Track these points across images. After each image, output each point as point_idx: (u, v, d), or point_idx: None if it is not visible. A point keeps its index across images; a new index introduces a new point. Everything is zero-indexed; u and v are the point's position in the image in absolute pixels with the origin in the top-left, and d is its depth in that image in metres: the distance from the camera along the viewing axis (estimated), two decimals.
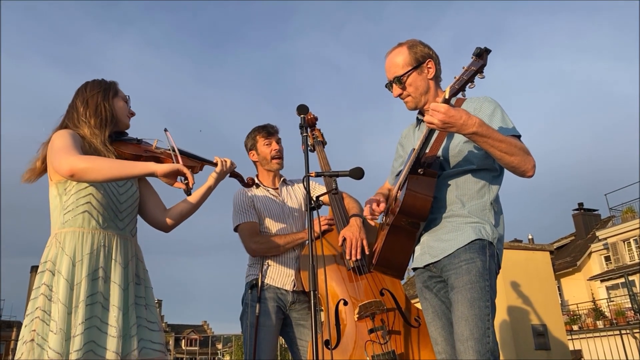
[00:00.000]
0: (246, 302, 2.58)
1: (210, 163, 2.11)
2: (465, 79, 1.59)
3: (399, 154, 2.21)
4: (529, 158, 1.75)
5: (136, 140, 2.01)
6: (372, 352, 2.23)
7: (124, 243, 1.85)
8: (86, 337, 1.62)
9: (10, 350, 23.79)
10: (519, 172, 1.77)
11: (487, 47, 1.57)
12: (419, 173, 1.79)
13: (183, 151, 2.01)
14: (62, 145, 1.73)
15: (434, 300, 1.92)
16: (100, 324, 1.68)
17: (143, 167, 1.72)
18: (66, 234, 1.74)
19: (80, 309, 1.64)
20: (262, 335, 2.47)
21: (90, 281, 1.70)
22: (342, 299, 2.43)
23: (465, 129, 1.65)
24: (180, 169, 1.70)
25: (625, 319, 16.78)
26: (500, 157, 1.73)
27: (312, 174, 2.04)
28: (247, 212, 2.66)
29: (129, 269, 1.82)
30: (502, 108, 1.89)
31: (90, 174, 1.66)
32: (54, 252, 1.72)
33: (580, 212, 24.59)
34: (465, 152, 1.87)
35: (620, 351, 10.03)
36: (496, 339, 1.70)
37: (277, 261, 2.64)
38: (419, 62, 1.95)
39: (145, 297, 1.87)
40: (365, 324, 2.32)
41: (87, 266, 1.70)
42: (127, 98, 2.01)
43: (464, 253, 1.77)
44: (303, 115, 2.25)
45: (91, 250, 1.73)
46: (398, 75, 1.95)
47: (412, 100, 1.98)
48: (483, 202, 1.86)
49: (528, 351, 4.21)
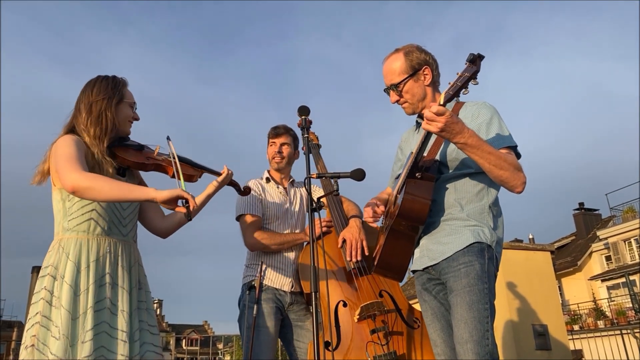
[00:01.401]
0: (244, 304, 2.56)
1: (212, 172, 2.13)
2: (459, 85, 1.59)
3: (398, 158, 2.22)
4: (519, 174, 1.76)
5: (139, 146, 2.00)
6: (373, 353, 2.23)
7: (128, 249, 1.87)
8: (96, 343, 1.64)
9: (10, 350, 23.79)
10: (508, 187, 1.79)
11: (480, 53, 1.57)
12: (416, 177, 1.80)
13: (185, 159, 2.03)
14: (67, 157, 1.72)
15: (433, 303, 1.92)
16: (110, 329, 1.70)
17: (142, 193, 1.69)
18: (70, 240, 1.75)
19: (88, 315, 1.65)
20: (261, 336, 2.46)
21: (98, 287, 1.72)
22: (341, 300, 2.43)
23: (458, 138, 1.66)
24: (181, 194, 1.67)
25: (626, 318, 16.77)
26: (489, 170, 1.74)
27: (314, 176, 2.05)
28: (253, 205, 2.67)
29: (132, 274, 1.85)
30: (500, 115, 1.90)
31: (91, 194, 1.67)
32: (57, 258, 1.73)
33: (581, 212, 24.58)
34: (463, 156, 1.87)
35: (621, 351, 10.03)
36: (495, 341, 1.71)
37: (276, 262, 2.64)
38: (415, 69, 1.96)
39: (146, 301, 1.90)
40: (366, 325, 2.32)
41: (93, 273, 1.72)
42: (133, 104, 1.97)
43: (463, 256, 1.77)
44: (304, 116, 2.26)
45: (97, 257, 1.75)
46: (394, 83, 1.97)
47: (410, 107, 2.00)
48: (482, 205, 1.87)
49: (529, 351, 4.21)
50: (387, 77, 2.01)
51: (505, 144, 1.81)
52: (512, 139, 1.84)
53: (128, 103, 1.95)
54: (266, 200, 2.72)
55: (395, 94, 1.99)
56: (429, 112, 1.62)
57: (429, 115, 1.63)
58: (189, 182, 2.00)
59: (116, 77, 1.96)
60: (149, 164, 1.94)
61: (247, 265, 2.71)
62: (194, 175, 2.03)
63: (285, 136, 2.83)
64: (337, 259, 2.59)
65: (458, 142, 1.68)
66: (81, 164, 1.73)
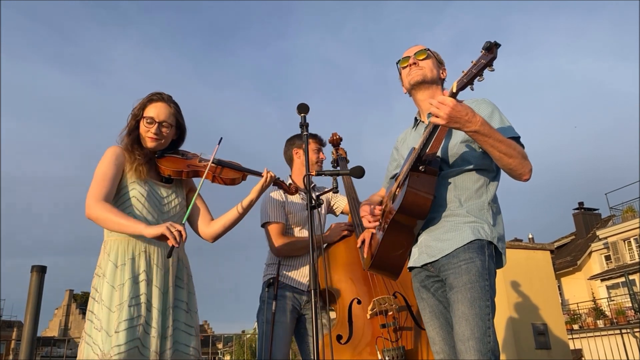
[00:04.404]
0: (263, 299, 2.68)
1: (255, 173, 2.20)
2: (474, 72, 1.56)
3: (393, 158, 2.21)
4: (526, 162, 1.77)
5: (182, 154, 2.15)
6: (382, 346, 2.32)
7: (165, 249, 1.94)
8: (131, 335, 1.76)
9: (10, 349, 23.79)
10: (516, 175, 1.79)
11: (496, 41, 1.54)
12: (420, 170, 1.78)
13: (227, 162, 2.14)
14: (96, 178, 1.94)
15: (431, 300, 1.91)
16: (146, 325, 1.81)
17: (135, 229, 1.84)
18: (112, 241, 1.93)
19: (124, 307, 1.79)
20: (277, 331, 2.56)
21: (134, 284, 1.85)
22: (356, 297, 2.56)
23: (469, 126, 1.65)
24: (164, 232, 1.77)
25: (625, 318, 16.79)
26: (499, 158, 1.74)
27: (312, 173, 2.07)
28: (278, 212, 2.75)
29: (169, 273, 1.95)
30: (500, 110, 1.90)
31: (98, 223, 1.90)
32: (102, 259, 1.93)
33: (580, 212, 24.60)
34: (463, 152, 1.87)
35: (620, 350, 10.03)
36: (496, 339, 1.70)
37: (293, 262, 2.74)
38: (440, 62, 2.07)
39: (188, 302, 1.99)
40: (377, 321, 2.43)
41: (129, 270, 1.86)
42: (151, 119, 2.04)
43: (463, 253, 1.76)
44: (303, 114, 2.26)
45: (133, 256, 1.89)
46: (423, 49, 2.03)
47: (421, 73, 2.00)
48: (481, 202, 1.86)
49: (528, 350, 4.21)
50: (412, 50, 2.06)
51: (509, 134, 1.80)
52: (515, 131, 1.84)
53: (146, 118, 2.04)
54: (289, 206, 2.78)
55: (414, 59, 2.02)
56: (436, 101, 1.63)
57: (434, 102, 1.63)
58: (232, 185, 2.12)
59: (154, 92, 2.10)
60: (188, 170, 2.07)
61: (268, 264, 2.80)
62: (237, 178, 2.13)
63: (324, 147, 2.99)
64: (357, 261, 2.69)
65: (469, 130, 1.67)
66: (107, 188, 1.91)
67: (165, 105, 2.07)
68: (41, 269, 3.36)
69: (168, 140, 2.10)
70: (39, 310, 3.29)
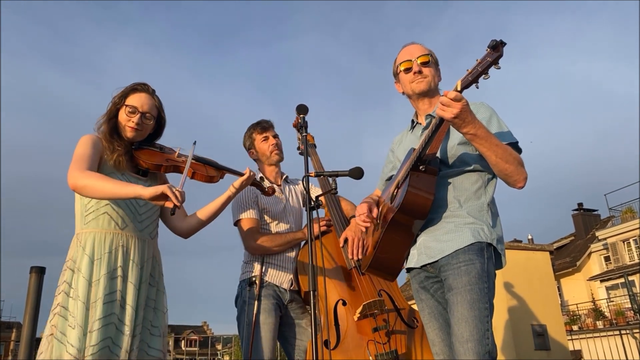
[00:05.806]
0: (243, 300, 2.52)
1: (234, 172, 2.18)
2: (479, 70, 1.53)
3: (389, 160, 2.20)
4: (521, 169, 1.77)
5: (160, 148, 2.11)
6: (374, 351, 2.22)
7: (142, 244, 1.93)
8: (103, 334, 1.70)
9: (9, 351, 23.77)
10: (511, 181, 1.79)
11: (502, 40, 1.51)
12: (420, 170, 1.78)
13: (208, 160, 2.12)
14: (75, 156, 1.85)
15: (430, 301, 1.91)
16: (119, 322, 1.76)
17: (131, 190, 1.77)
18: (87, 234, 1.85)
19: (98, 305, 1.73)
20: (262, 333, 2.43)
21: (109, 279, 1.79)
22: (341, 299, 2.43)
23: (469, 128, 1.65)
24: (164, 191, 1.73)
25: (625, 319, 16.78)
26: (495, 163, 1.74)
27: (312, 174, 2.05)
28: (249, 208, 2.63)
29: (144, 269, 1.90)
30: (498, 114, 1.90)
31: (87, 191, 1.79)
32: (75, 251, 1.83)
33: (580, 212, 24.58)
34: (462, 153, 1.87)
35: (620, 351, 10.03)
36: (494, 341, 1.70)
37: (276, 260, 2.62)
38: (437, 63, 2.05)
39: (156, 301, 1.94)
40: (367, 323, 2.31)
41: (106, 265, 1.80)
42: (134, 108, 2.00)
43: (463, 254, 1.76)
44: (302, 115, 2.26)
45: (110, 249, 1.83)
46: (426, 53, 2.00)
47: (426, 82, 1.98)
48: (480, 203, 1.86)
49: (528, 351, 4.21)
50: (414, 52, 2.01)
51: (508, 140, 1.81)
52: (513, 136, 1.84)
53: (128, 107, 1.99)
54: (262, 201, 2.66)
55: (418, 66, 1.98)
56: (446, 97, 1.60)
57: (445, 100, 1.61)
58: (210, 182, 2.09)
59: (139, 82, 2.06)
60: (167, 165, 2.02)
61: (246, 262, 2.66)
62: (215, 176, 2.10)
63: (273, 128, 2.80)
64: (337, 258, 2.58)
65: (468, 132, 1.66)
66: (88, 163, 1.82)
67: (150, 97, 2.04)
68: (40, 270, 3.35)
69: (146, 133, 2.06)
70: (38, 312, 3.28)
